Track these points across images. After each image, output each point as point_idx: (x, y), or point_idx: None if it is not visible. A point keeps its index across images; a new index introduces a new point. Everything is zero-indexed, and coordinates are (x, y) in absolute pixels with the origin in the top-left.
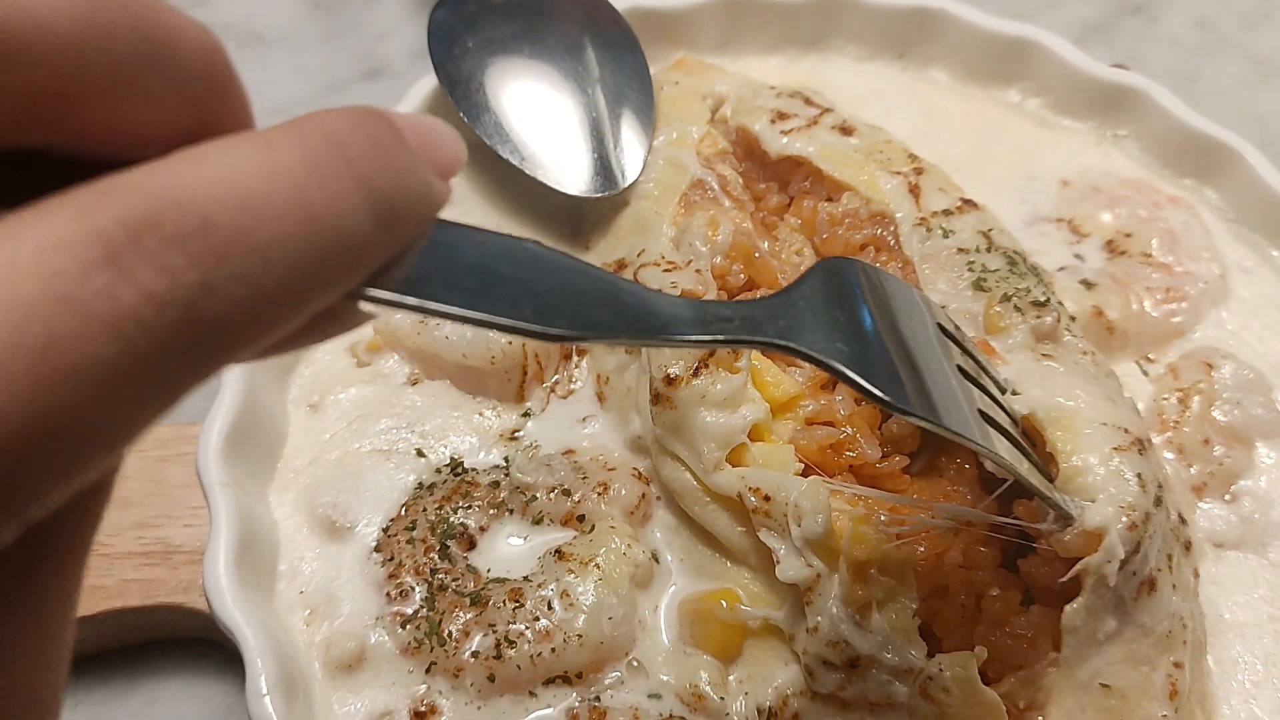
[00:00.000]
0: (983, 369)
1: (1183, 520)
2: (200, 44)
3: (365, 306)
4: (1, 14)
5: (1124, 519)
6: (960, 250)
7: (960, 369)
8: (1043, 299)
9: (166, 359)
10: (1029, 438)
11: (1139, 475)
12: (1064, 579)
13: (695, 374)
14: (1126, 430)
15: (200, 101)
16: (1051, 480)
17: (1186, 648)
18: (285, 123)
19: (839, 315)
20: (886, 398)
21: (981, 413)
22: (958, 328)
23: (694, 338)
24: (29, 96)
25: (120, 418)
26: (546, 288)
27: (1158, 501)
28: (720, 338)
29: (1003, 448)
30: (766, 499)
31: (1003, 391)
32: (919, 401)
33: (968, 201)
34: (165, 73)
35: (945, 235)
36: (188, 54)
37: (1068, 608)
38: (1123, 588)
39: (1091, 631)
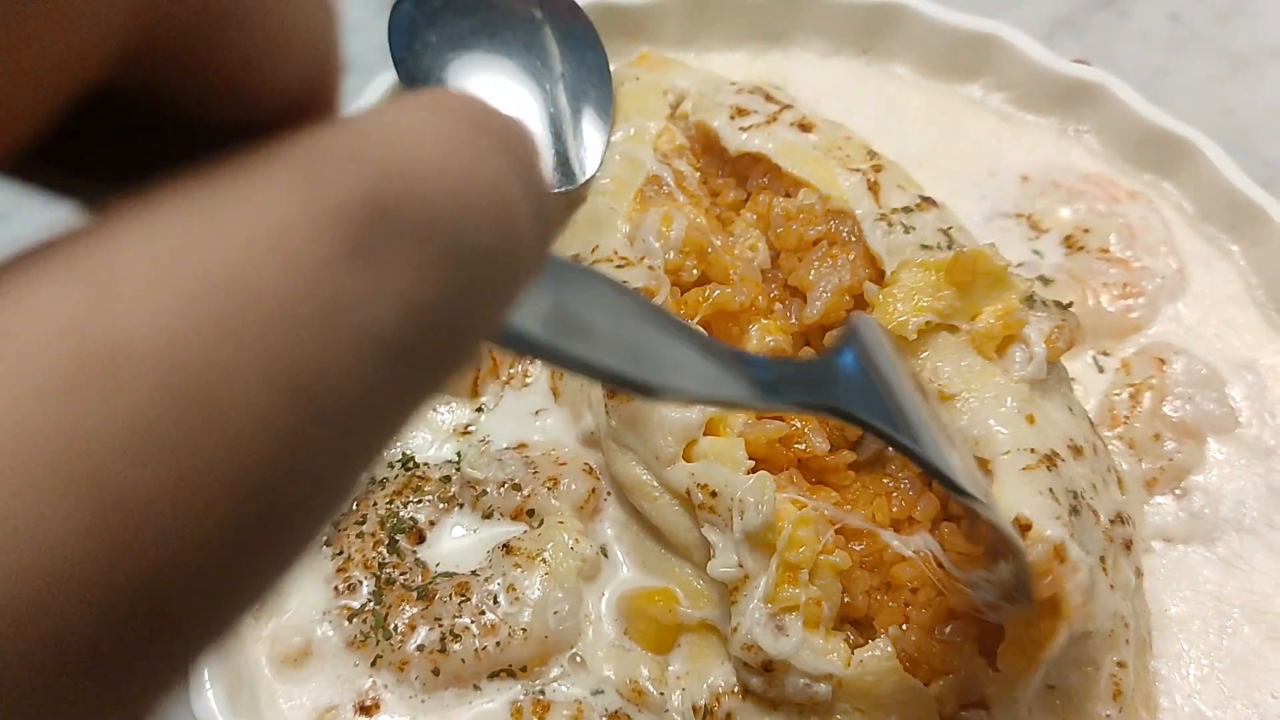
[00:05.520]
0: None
1: (1123, 520)
2: None
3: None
4: None
5: (1068, 531)
6: (924, 247)
7: None
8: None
9: (394, 394)
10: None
11: (1050, 489)
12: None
13: None
14: (1032, 450)
15: (317, 50)
16: None
17: (1129, 647)
18: (411, 100)
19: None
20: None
21: None
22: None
23: (797, 401)
24: (174, 19)
25: (340, 480)
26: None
27: (1074, 510)
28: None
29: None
30: (713, 495)
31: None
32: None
33: (926, 199)
34: (300, 14)
35: (907, 231)
36: None
37: None
38: None
39: None
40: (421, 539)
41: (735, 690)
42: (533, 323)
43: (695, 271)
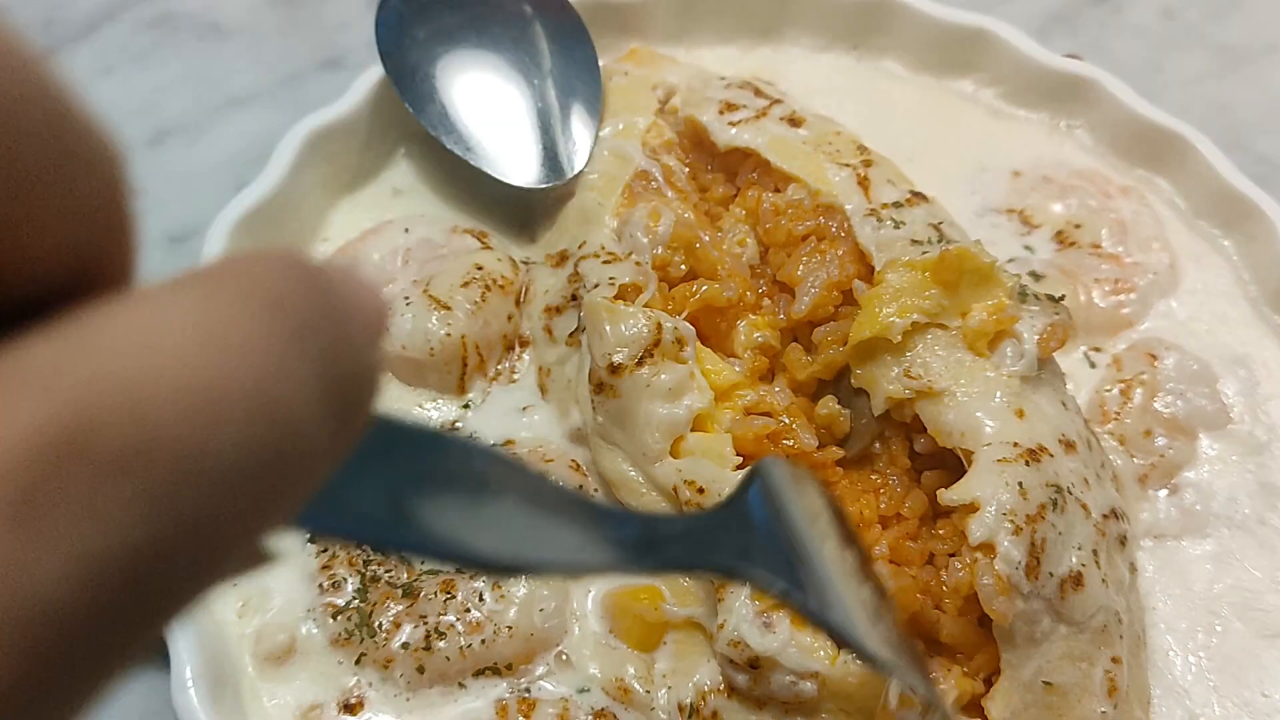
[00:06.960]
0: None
1: (1117, 515)
2: (107, 150)
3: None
4: None
5: (1007, 525)
6: (914, 242)
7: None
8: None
9: (94, 643)
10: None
11: (1020, 484)
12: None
13: (640, 363)
14: (1016, 444)
15: (95, 221)
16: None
17: (1124, 642)
18: (207, 273)
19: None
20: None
21: None
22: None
23: (675, 561)
24: None
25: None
26: (490, 513)
27: (1054, 504)
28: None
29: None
30: (700, 491)
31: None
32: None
33: (917, 194)
34: (68, 183)
35: (896, 226)
36: (94, 161)
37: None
38: (1043, 589)
39: (1028, 634)
40: None
41: (721, 688)
42: (363, 503)
43: (683, 267)
